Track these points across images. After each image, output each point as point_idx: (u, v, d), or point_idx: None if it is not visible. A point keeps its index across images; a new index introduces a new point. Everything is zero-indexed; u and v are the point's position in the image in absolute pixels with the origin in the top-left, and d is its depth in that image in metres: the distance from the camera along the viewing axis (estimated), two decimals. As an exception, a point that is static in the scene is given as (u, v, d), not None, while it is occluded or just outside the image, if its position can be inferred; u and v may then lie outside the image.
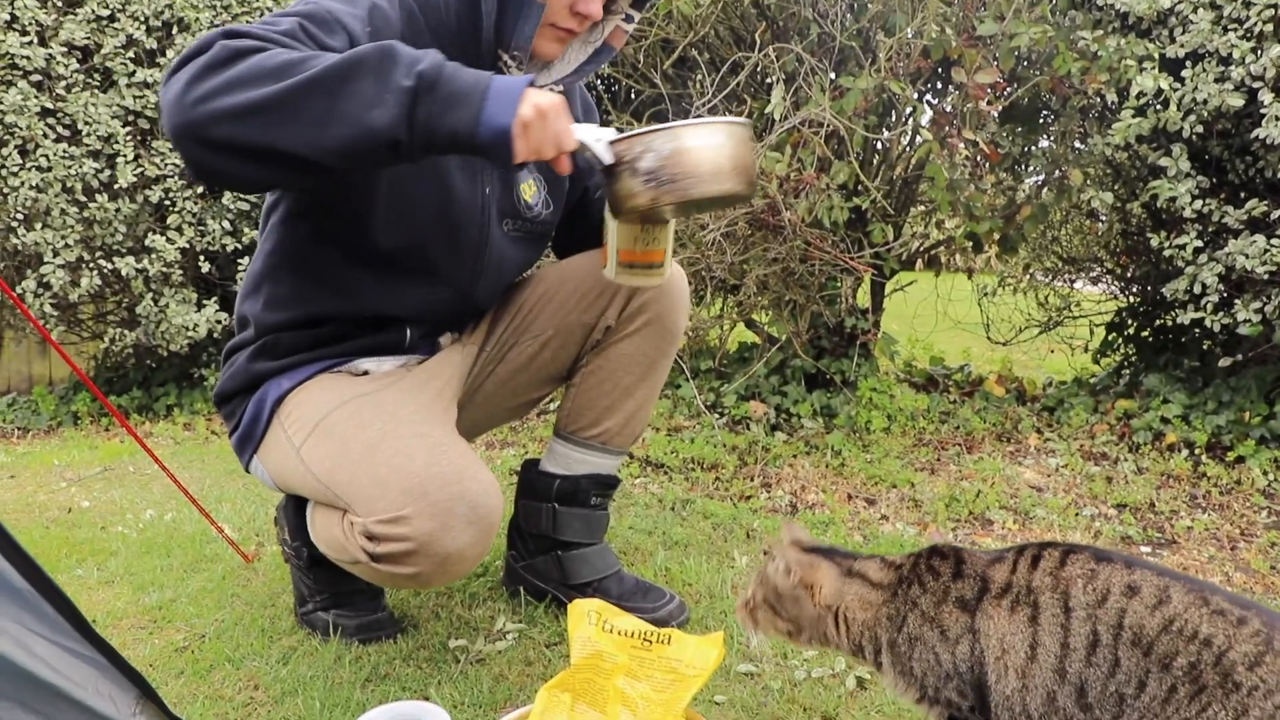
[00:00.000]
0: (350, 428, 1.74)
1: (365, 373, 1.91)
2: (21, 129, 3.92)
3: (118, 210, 4.13)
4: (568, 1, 1.76)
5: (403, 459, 1.65)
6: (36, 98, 3.96)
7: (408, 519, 1.59)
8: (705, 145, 1.56)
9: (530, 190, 2.02)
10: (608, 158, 1.57)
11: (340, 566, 1.78)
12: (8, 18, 3.96)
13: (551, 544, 2.13)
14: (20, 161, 3.95)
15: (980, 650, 1.33)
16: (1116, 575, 1.27)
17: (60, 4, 4.10)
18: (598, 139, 1.57)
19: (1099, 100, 3.73)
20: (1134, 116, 3.24)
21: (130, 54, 4.13)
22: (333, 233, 1.82)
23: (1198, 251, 3.34)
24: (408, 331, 1.96)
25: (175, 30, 4.20)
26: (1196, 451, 3.41)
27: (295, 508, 1.97)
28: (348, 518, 1.68)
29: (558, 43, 1.83)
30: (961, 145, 3.26)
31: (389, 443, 1.68)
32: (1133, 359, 4.35)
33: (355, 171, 1.69)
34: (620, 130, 1.60)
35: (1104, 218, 4.34)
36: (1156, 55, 3.23)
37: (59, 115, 4.04)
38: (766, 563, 1.49)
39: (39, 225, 4.03)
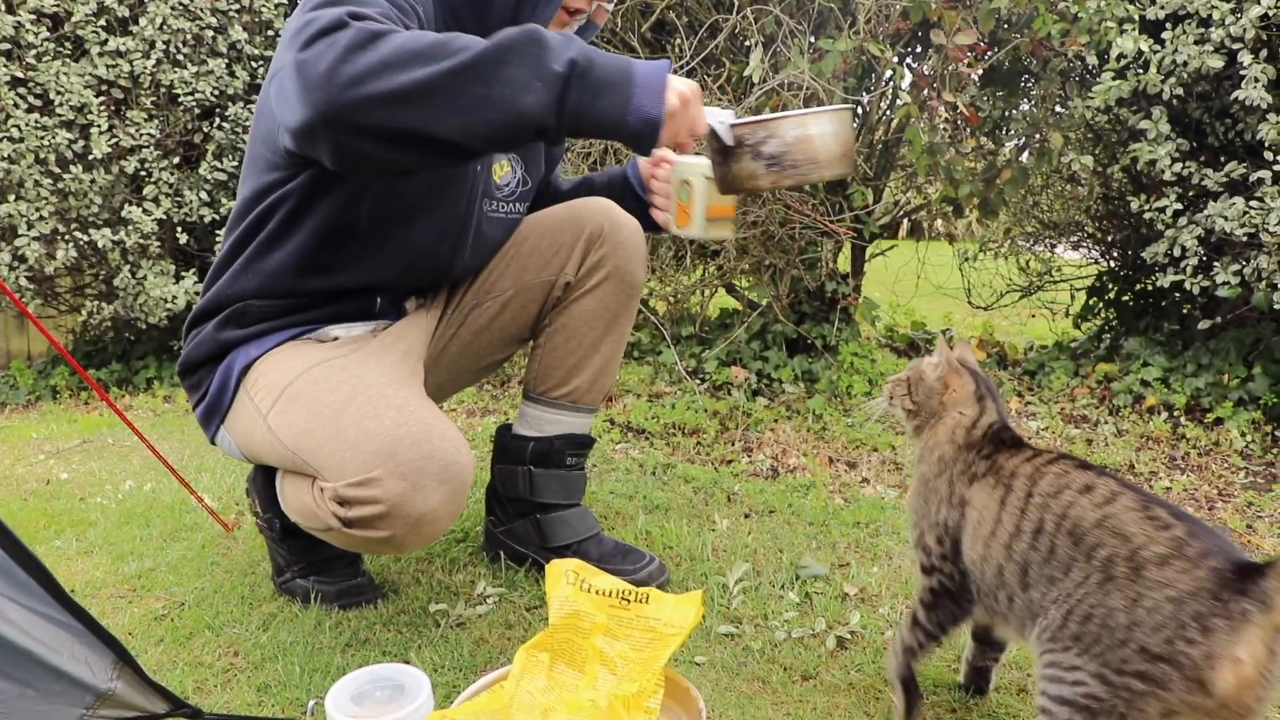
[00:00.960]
0: (317, 393, 1.72)
1: (335, 339, 1.90)
2: (-8, 99, 3.87)
3: (93, 181, 4.08)
4: None
5: (371, 421, 1.63)
6: (6, 67, 3.90)
7: (378, 480, 1.58)
8: (824, 132, 1.65)
9: (502, 170, 2.03)
10: (730, 140, 1.63)
11: (314, 535, 1.77)
12: (-24, -14, 3.90)
13: (530, 507, 2.13)
14: (-9, 132, 3.90)
15: (962, 518, 1.53)
16: (1082, 478, 1.41)
17: (29, -29, 4.04)
18: (720, 122, 1.64)
19: (1079, 63, 3.72)
20: (1114, 79, 3.24)
21: (101, 22, 4.07)
22: (325, 214, 1.81)
23: (1177, 214, 3.34)
24: (378, 300, 1.95)
25: (148, -2, 4.14)
26: (1175, 414, 3.43)
27: (265, 479, 1.95)
28: (317, 484, 1.66)
29: (560, 24, 1.87)
30: (941, 108, 3.25)
31: (356, 406, 1.67)
32: (1113, 323, 4.37)
33: (498, 151, 1.70)
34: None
35: (1084, 182, 4.34)
36: (1136, 17, 3.22)
37: (30, 85, 3.98)
38: (924, 358, 1.71)
39: (12, 197, 3.98)
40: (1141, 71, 3.25)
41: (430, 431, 1.63)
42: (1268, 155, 3.07)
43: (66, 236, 4.11)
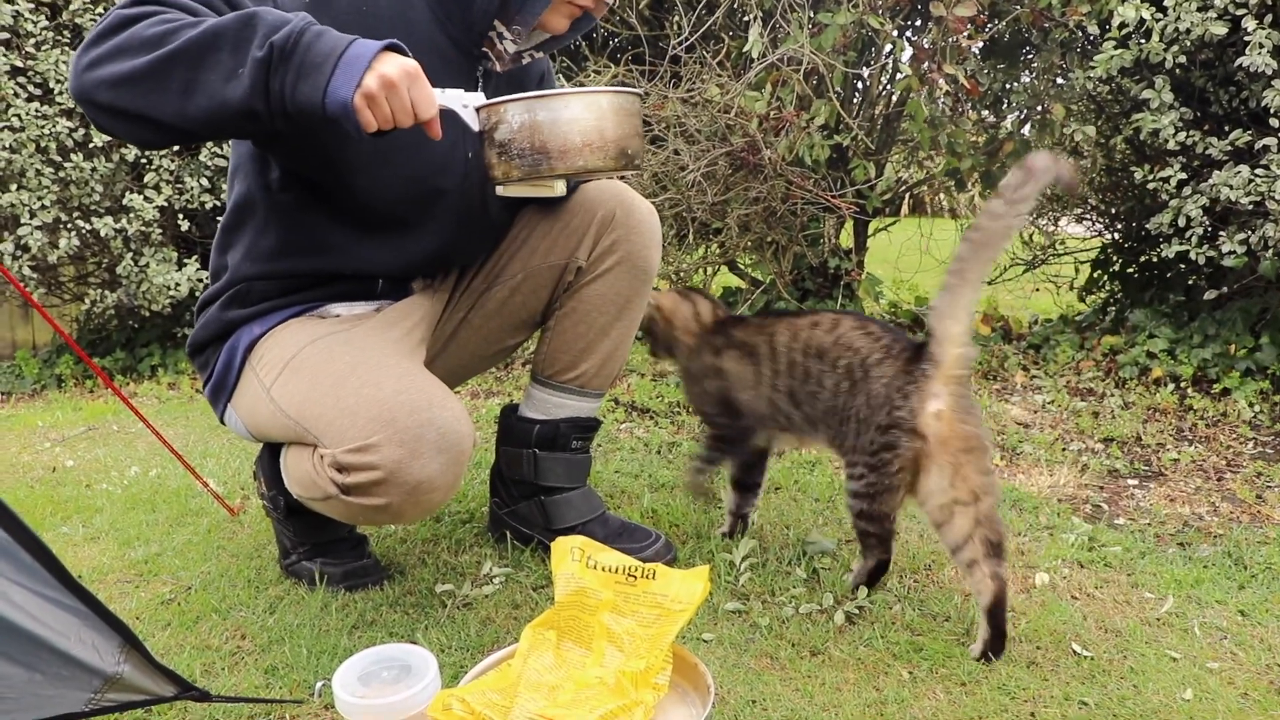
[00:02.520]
0: (319, 363, 1.73)
1: (337, 316, 1.90)
2: (-9, 88, 3.86)
3: (94, 169, 4.08)
4: None
5: (371, 389, 1.64)
6: (5, 56, 3.89)
7: (376, 446, 1.58)
8: (557, 120, 1.51)
9: None
10: (474, 124, 1.56)
11: (315, 509, 1.76)
12: (-28, -25, 3.89)
13: (534, 489, 2.13)
14: (-9, 122, 3.89)
15: (724, 383, 2.07)
16: (802, 319, 1.97)
17: (25, -41, 4.02)
18: (465, 105, 1.56)
19: (1080, 33, 3.69)
20: (1116, 48, 3.21)
21: (100, 9, 4.06)
22: (319, 196, 1.82)
23: (1181, 184, 3.32)
24: (379, 282, 1.95)
25: (144, -16, 4.12)
26: (1182, 385, 3.42)
27: (270, 456, 1.96)
28: (318, 451, 1.67)
29: (568, 19, 1.85)
30: (942, 81, 3.22)
31: (358, 374, 1.68)
32: (1118, 295, 4.35)
33: (229, 137, 1.74)
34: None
35: (1087, 153, 4.31)
36: (1138, -15, 3.19)
37: (29, 74, 3.98)
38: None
39: (14, 187, 3.98)
40: (1144, 40, 3.22)
41: (431, 400, 1.63)
42: (1273, 122, 3.04)
43: (69, 225, 4.11)
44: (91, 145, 4.04)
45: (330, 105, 1.44)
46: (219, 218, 4.34)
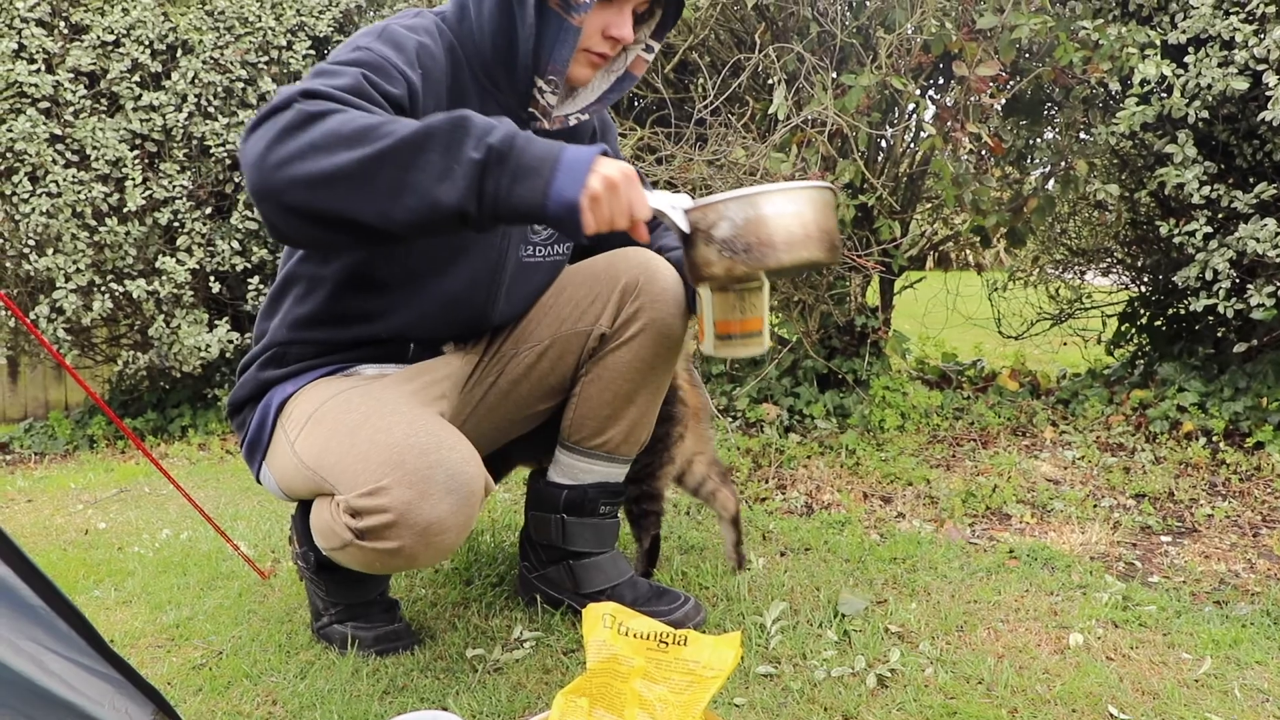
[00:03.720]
0: (338, 414, 1.77)
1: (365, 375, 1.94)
2: (31, 156, 3.95)
3: (127, 233, 4.15)
4: (601, 26, 1.81)
5: (383, 435, 1.66)
6: (45, 124, 3.99)
7: (386, 489, 1.59)
8: (782, 213, 1.56)
9: None
10: (685, 225, 1.59)
11: (337, 562, 1.77)
12: (15, 46, 4.00)
13: (562, 554, 2.12)
14: (31, 188, 3.98)
15: None
16: None
17: (66, 31, 4.14)
18: (673, 206, 1.59)
19: (1102, 90, 3.71)
20: (1138, 104, 3.23)
21: (136, 78, 4.16)
22: (358, 267, 1.86)
23: (1208, 238, 3.32)
24: (411, 346, 1.98)
25: (179, 53, 4.22)
26: (1214, 439, 3.39)
27: (303, 514, 1.97)
28: (334, 499, 1.68)
29: (590, 68, 1.87)
30: (965, 139, 3.25)
31: (371, 422, 1.70)
32: (1146, 348, 4.33)
33: (427, 237, 1.73)
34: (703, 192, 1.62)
35: (1111, 208, 4.32)
36: (1158, 42, 3.22)
37: (68, 141, 4.07)
38: None
39: (50, 251, 4.06)
40: (1165, 96, 3.24)
41: (440, 442, 1.64)
42: (1298, 177, 3.05)
43: (102, 288, 4.18)
44: (126, 210, 4.12)
45: (553, 207, 1.47)
46: (250, 280, 4.44)
